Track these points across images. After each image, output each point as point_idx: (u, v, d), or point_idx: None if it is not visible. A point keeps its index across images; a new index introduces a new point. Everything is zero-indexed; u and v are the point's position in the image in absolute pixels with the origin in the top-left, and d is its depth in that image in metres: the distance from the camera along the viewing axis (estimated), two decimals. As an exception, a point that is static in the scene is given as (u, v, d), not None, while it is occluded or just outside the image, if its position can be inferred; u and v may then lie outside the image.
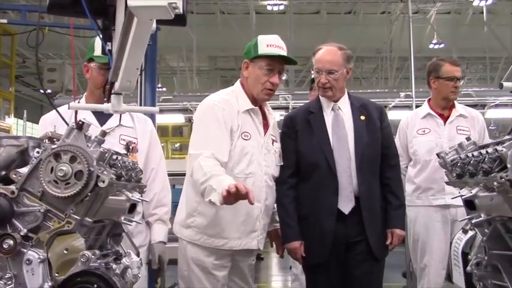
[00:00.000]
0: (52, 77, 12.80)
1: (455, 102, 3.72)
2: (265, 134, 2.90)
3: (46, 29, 7.27)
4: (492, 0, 14.40)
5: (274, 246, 3.14)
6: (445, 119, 3.67)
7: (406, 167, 3.77)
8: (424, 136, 3.65)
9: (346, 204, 2.87)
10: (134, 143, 2.76)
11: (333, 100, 3.04)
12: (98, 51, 2.55)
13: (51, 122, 2.53)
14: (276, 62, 2.87)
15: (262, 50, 2.85)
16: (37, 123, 3.03)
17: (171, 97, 13.64)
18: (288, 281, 7.33)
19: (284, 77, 2.99)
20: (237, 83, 2.97)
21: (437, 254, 3.54)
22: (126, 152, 2.59)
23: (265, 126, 2.94)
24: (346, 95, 3.07)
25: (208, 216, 2.79)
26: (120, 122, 2.77)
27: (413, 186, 3.68)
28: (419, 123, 3.72)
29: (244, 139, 2.81)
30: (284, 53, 2.88)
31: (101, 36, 1.92)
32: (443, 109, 3.70)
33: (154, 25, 1.79)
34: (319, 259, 2.89)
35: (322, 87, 2.99)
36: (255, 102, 2.90)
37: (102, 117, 2.70)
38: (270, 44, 2.86)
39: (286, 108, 13.49)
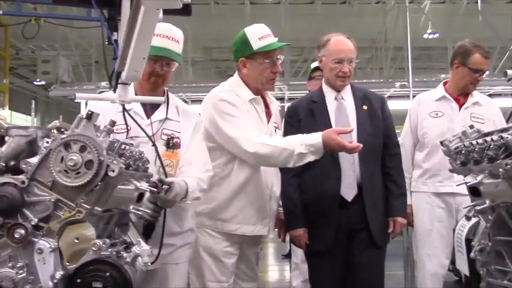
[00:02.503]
0: (46, 69, 12.72)
1: None
2: (268, 123, 2.93)
3: (41, 20, 7.22)
4: (487, -11, 14.43)
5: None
6: (460, 104, 3.52)
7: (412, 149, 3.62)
8: (436, 119, 3.49)
9: (349, 192, 2.90)
10: (178, 137, 2.62)
11: (336, 90, 3.05)
12: None
13: (100, 108, 2.40)
14: (274, 52, 2.91)
15: (257, 44, 2.87)
16: (30, 115, 2.94)
17: (166, 88, 13.59)
18: (285, 270, 7.38)
19: (281, 60, 2.99)
20: (236, 76, 3.01)
21: (440, 242, 3.48)
22: (166, 148, 2.55)
23: (268, 114, 2.98)
24: (348, 85, 3.08)
25: (221, 201, 2.85)
26: (167, 115, 2.65)
27: (420, 171, 3.55)
28: (433, 105, 3.55)
29: None
30: (276, 40, 2.92)
31: (106, 25, 1.93)
32: (460, 95, 3.53)
33: (160, 15, 1.80)
34: (323, 246, 2.92)
35: (343, 76, 3.01)
36: (256, 93, 2.93)
37: (149, 109, 2.63)
38: (262, 36, 2.88)
39: (281, 98, 13.52)
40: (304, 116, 3.04)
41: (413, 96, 13.35)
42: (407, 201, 3.50)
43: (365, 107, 3.04)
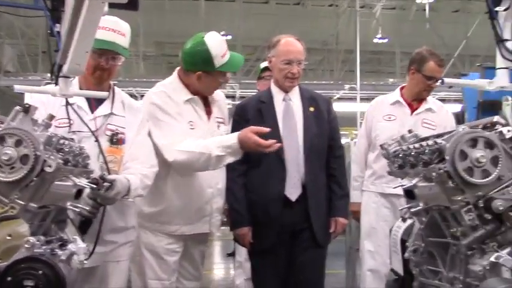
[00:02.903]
0: (-10, 57, 12.26)
1: None
2: (209, 120, 2.92)
3: (-16, 7, 6.93)
4: (435, -3, 14.92)
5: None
6: (413, 109, 3.60)
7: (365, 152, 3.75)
8: (389, 122, 3.60)
9: (293, 192, 2.94)
10: (123, 133, 2.56)
11: (284, 91, 3.09)
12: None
13: (42, 102, 2.35)
14: None
15: (220, 62, 2.82)
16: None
17: (116, 82, 13.33)
18: (229, 269, 7.39)
19: None
20: (175, 76, 2.95)
21: (384, 241, 3.55)
22: (109, 144, 2.48)
23: (209, 113, 2.96)
24: (297, 86, 3.12)
25: (160, 204, 2.82)
26: (112, 110, 2.59)
27: (370, 171, 3.67)
28: (387, 108, 3.67)
29: (191, 128, 2.84)
30: (235, 57, 2.91)
31: (49, 16, 1.88)
32: (414, 100, 3.65)
33: (106, 8, 1.77)
34: (267, 245, 2.95)
35: (292, 77, 3.04)
36: (194, 93, 2.91)
37: (94, 103, 2.56)
38: (224, 53, 2.84)
39: (233, 97, 13.53)
40: (253, 116, 3.06)
41: (361, 99, 13.57)
42: (358, 199, 3.68)
43: (312, 109, 3.09)
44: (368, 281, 3.62)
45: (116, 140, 2.52)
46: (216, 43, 2.84)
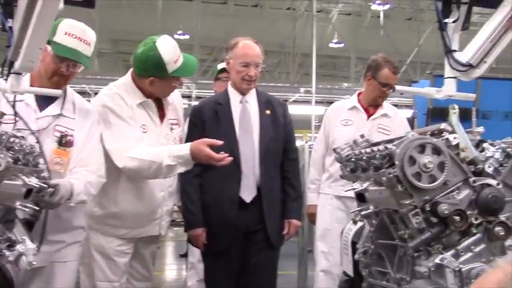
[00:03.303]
0: None
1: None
2: (162, 123, 2.89)
3: None
4: (389, 5, 15.33)
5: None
6: (369, 114, 3.68)
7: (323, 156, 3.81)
8: (346, 127, 3.67)
9: (248, 194, 2.96)
10: (71, 135, 2.48)
11: (241, 93, 3.11)
12: (59, 36, 2.33)
13: None
14: None
15: (172, 68, 2.76)
16: None
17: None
18: (181, 270, 7.35)
19: None
20: (128, 77, 2.89)
21: (337, 242, 3.62)
22: (57, 146, 2.41)
23: (162, 116, 2.92)
24: (253, 89, 3.15)
25: (111, 208, 2.79)
26: (61, 111, 2.50)
27: (327, 174, 3.73)
28: (345, 114, 3.74)
29: (143, 132, 2.80)
30: (188, 61, 2.87)
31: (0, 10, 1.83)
32: (370, 105, 3.73)
33: (61, 5, 1.74)
34: (220, 246, 2.96)
35: (249, 80, 3.05)
36: (148, 96, 2.86)
37: (43, 102, 2.47)
38: (176, 58, 2.78)
39: (189, 97, 13.45)
40: (209, 117, 3.06)
41: (316, 102, 13.70)
42: (315, 201, 3.75)
43: (268, 112, 3.12)
44: (320, 281, 3.69)
45: (65, 142, 2.45)
46: (169, 48, 2.77)
